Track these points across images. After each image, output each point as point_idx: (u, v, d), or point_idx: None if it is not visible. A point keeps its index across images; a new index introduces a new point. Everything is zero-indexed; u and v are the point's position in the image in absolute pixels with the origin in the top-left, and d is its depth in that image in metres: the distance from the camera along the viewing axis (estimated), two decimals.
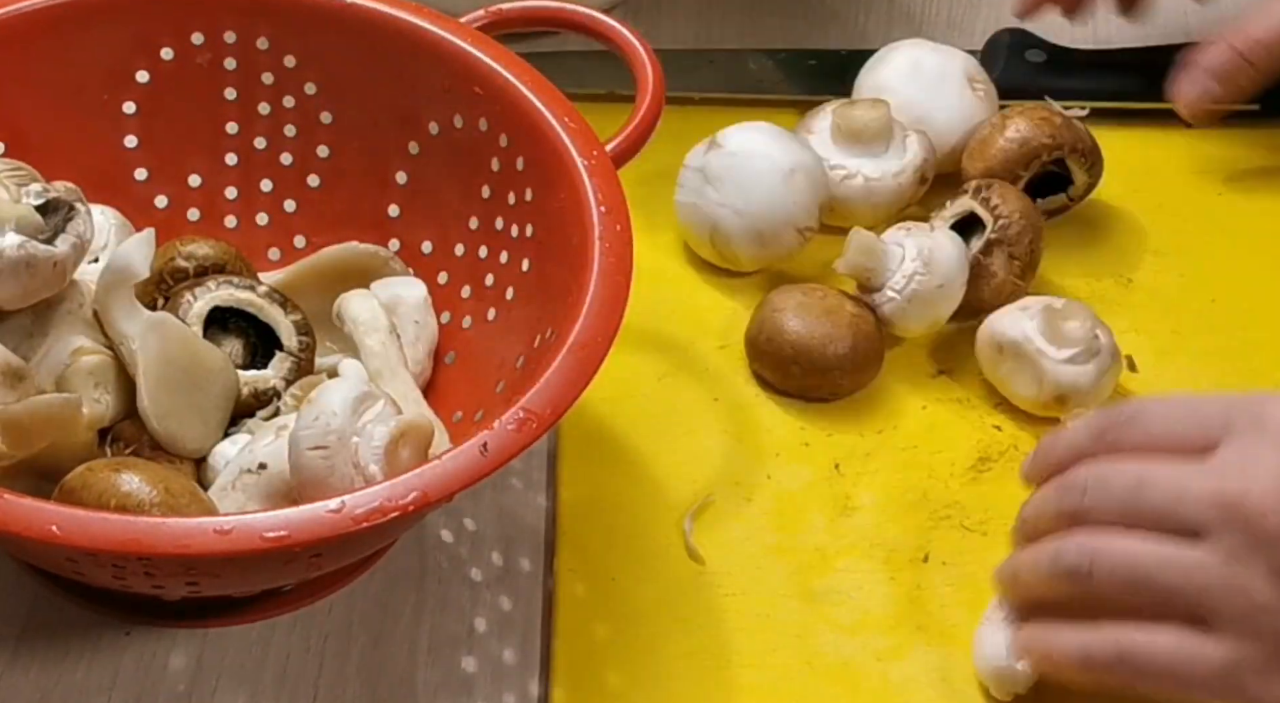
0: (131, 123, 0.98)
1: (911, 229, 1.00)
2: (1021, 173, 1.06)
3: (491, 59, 0.94)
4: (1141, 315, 1.06)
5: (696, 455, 0.97)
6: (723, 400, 1.00)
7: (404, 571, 0.92)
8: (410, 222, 0.98)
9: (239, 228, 0.99)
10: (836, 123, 1.06)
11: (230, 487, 0.84)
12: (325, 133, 0.98)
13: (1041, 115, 1.06)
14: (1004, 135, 1.06)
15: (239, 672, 0.88)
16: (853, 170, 1.05)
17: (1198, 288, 1.07)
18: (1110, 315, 1.01)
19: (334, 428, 0.82)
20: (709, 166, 1.04)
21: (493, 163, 0.94)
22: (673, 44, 1.18)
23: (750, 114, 1.07)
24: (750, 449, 0.98)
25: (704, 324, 1.04)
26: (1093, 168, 1.07)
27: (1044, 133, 1.06)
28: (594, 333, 0.83)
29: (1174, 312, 1.05)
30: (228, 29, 0.96)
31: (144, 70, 0.97)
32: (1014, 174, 1.06)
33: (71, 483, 0.81)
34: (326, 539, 0.76)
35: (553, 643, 0.89)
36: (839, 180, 1.05)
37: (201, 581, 0.82)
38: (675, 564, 0.93)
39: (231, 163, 0.99)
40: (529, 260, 0.92)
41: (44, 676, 0.87)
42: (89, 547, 0.75)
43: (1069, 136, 1.06)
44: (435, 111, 0.95)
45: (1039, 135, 1.05)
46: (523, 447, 0.79)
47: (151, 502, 0.79)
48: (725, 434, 0.99)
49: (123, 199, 0.97)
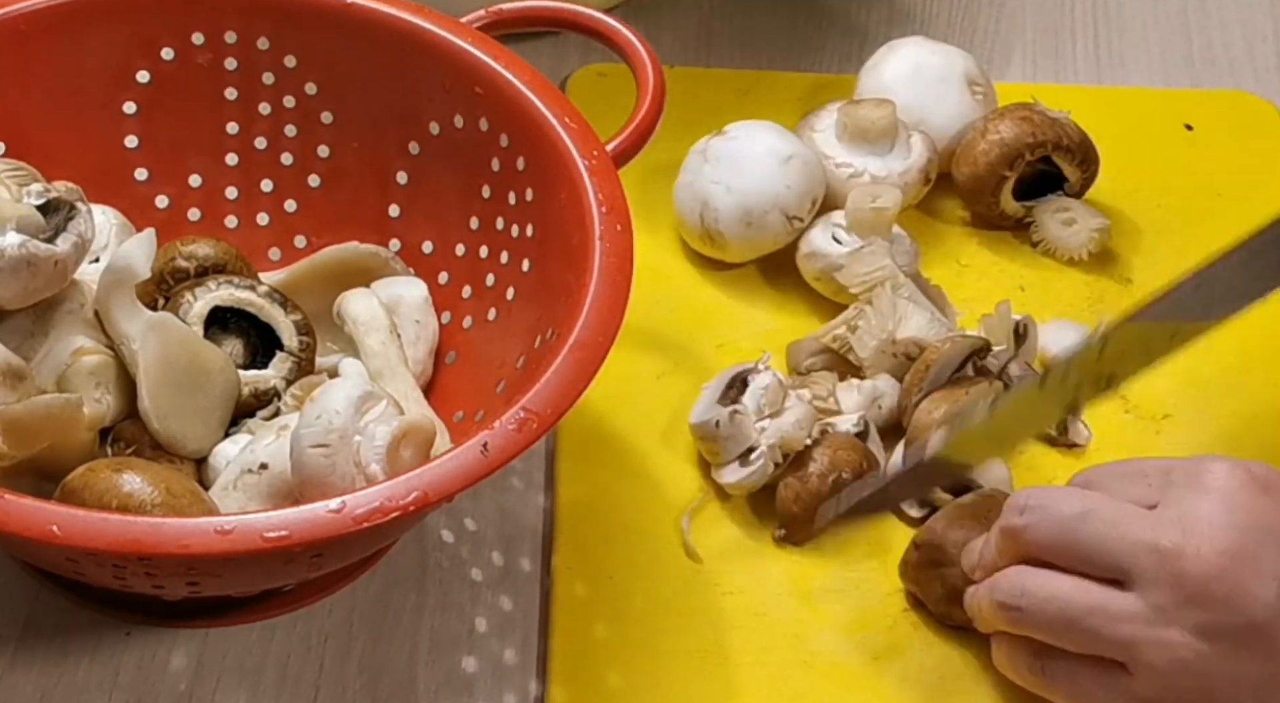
0: (132, 123, 0.98)
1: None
2: (1007, 174, 1.06)
3: (492, 59, 0.94)
4: None
5: (695, 455, 0.97)
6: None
7: (404, 571, 0.92)
8: (411, 222, 0.98)
9: (240, 228, 1.00)
10: (842, 121, 1.06)
11: (231, 486, 0.85)
12: (326, 133, 0.98)
13: (1022, 115, 1.06)
14: (986, 139, 1.06)
15: (239, 672, 0.88)
16: (859, 168, 1.05)
17: None
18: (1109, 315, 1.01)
19: (336, 427, 0.82)
20: (710, 148, 1.05)
21: (493, 163, 0.94)
22: (673, 43, 1.18)
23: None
24: None
25: (704, 323, 1.04)
26: (1084, 162, 1.07)
27: (1026, 132, 1.06)
28: (594, 333, 0.83)
29: None
30: (228, 29, 0.97)
31: (144, 70, 0.97)
32: (999, 175, 1.06)
33: (73, 483, 0.81)
34: (327, 539, 0.76)
35: (550, 642, 0.89)
36: (845, 178, 1.05)
37: (202, 581, 0.82)
38: (673, 563, 0.93)
39: (232, 163, 0.99)
40: (529, 260, 0.92)
41: (44, 675, 0.88)
42: (89, 547, 0.75)
43: (1053, 134, 1.06)
44: (436, 111, 0.95)
45: (1021, 135, 1.06)
46: (523, 447, 0.79)
47: (153, 502, 0.79)
48: None
49: (123, 199, 0.98)
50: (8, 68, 0.94)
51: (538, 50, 1.12)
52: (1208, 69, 1.21)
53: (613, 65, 1.00)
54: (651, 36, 0.96)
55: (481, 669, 0.89)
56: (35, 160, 0.92)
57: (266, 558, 0.79)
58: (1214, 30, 1.23)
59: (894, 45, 1.12)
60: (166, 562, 0.78)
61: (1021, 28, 1.23)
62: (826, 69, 1.18)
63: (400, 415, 0.84)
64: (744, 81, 1.17)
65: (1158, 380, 0.92)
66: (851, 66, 1.16)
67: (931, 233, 1.09)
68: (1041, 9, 1.24)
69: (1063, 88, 1.19)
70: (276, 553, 0.76)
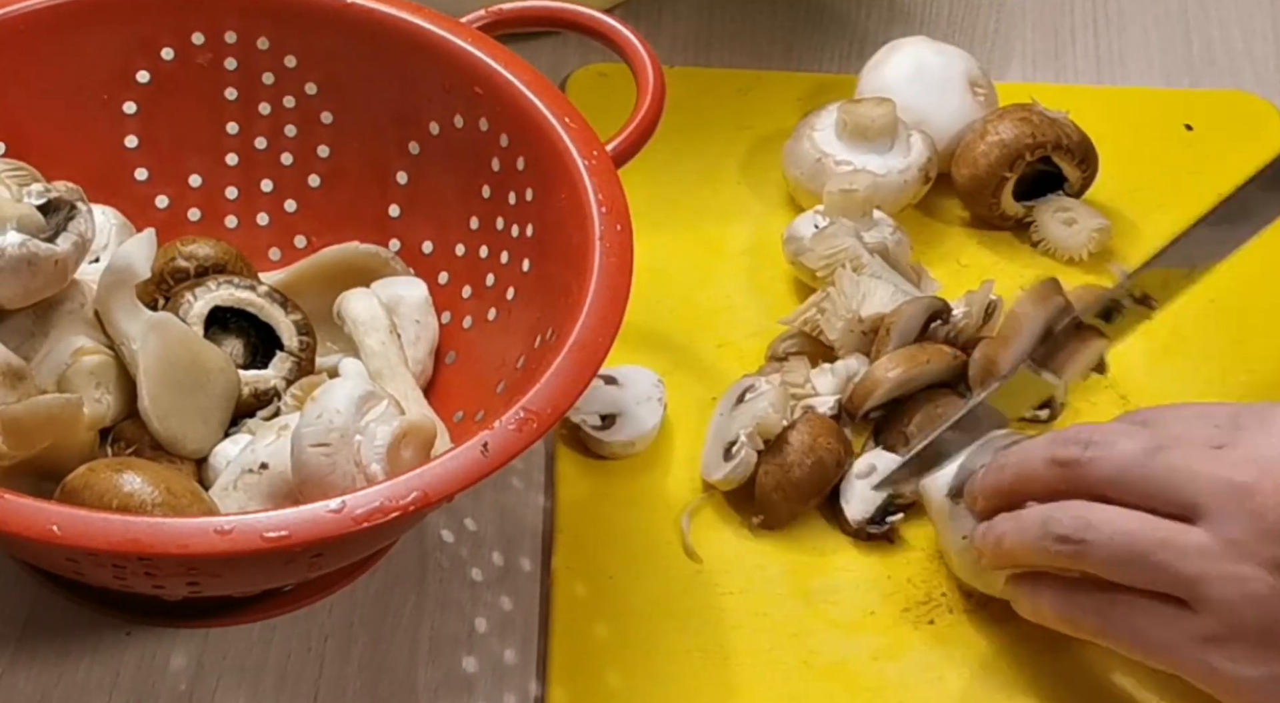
0: (132, 123, 0.98)
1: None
2: (1007, 175, 1.06)
3: (492, 59, 0.94)
4: None
5: (695, 455, 0.97)
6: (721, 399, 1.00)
7: (404, 571, 0.92)
8: (411, 222, 0.98)
9: (239, 228, 1.00)
10: (843, 119, 1.06)
11: (232, 486, 0.85)
12: (326, 133, 0.98)
13: (1022, 116, 1.06)
14: (985, 140, 1.06)
15: (239, 672, 0.88)
16: (859, 166, 1.05)
17: (1196, 288, 1.07)
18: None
19: (337, 426, 0.82)
20: None
21: (493, 163, 0.94)
22: (673, 43, 1.18)
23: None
24: None
25: (704, 324, 1.04)
26: (1084, 162, 1.07)
27: (1025, 133, 1.06)
28: (594, 333, 0.84)
29: (1173, 312, 1.05)
30: (228, 29, 0.97)
31: (144, 70, 0.97)
32: (999, 176, 1.06)
33: (73, 483, 0.81)
34: (327, 539, 0.76)
35: (550, 642, 0.89)
36: (845, 175, 1.05)
37: (202, 581, 0.82)
38: (673, 563, 0.93)
39: (232, 163, 0.99)
40: (529, 260, 0.93)
41: (45, 675, 0.88)
42: (89, 547, 0.75)
43: (1052, 134, 1.06)
44: (436, 111, 0.95)
45: (1021, 136, 1.06)
46: (523, 447, 0.79)
47: (154, 502, 0.79)
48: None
49: (123, 199, 0.98)
50: (8, 68, 0.94)
51: (538, 50, 1.12)
52: (1208, 69, 1.21)
53: (613, 65, 1.00)
54: (651, 36, 0.97)
55: (481, 669, 0.89)
56: (35, 160, 0.92)
57: (266, 558, 0.79)
58: (1214, 30, 1.23)
59: (896, 45, 1.12)
60: (166, 562, 0.78)
61: (1021, 28, 1.23)
62: (826, 69, 1.18)
63: (401, 415, 0.84)
64: (744, 81, 1.17)
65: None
66: (852, 66, 1.16)
67: (931, 233, 1.09)
68: (1041, 9, 1.24)
69: (1063, 88, 1.19)
70: (277, 553, 0.76)
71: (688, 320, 1.04)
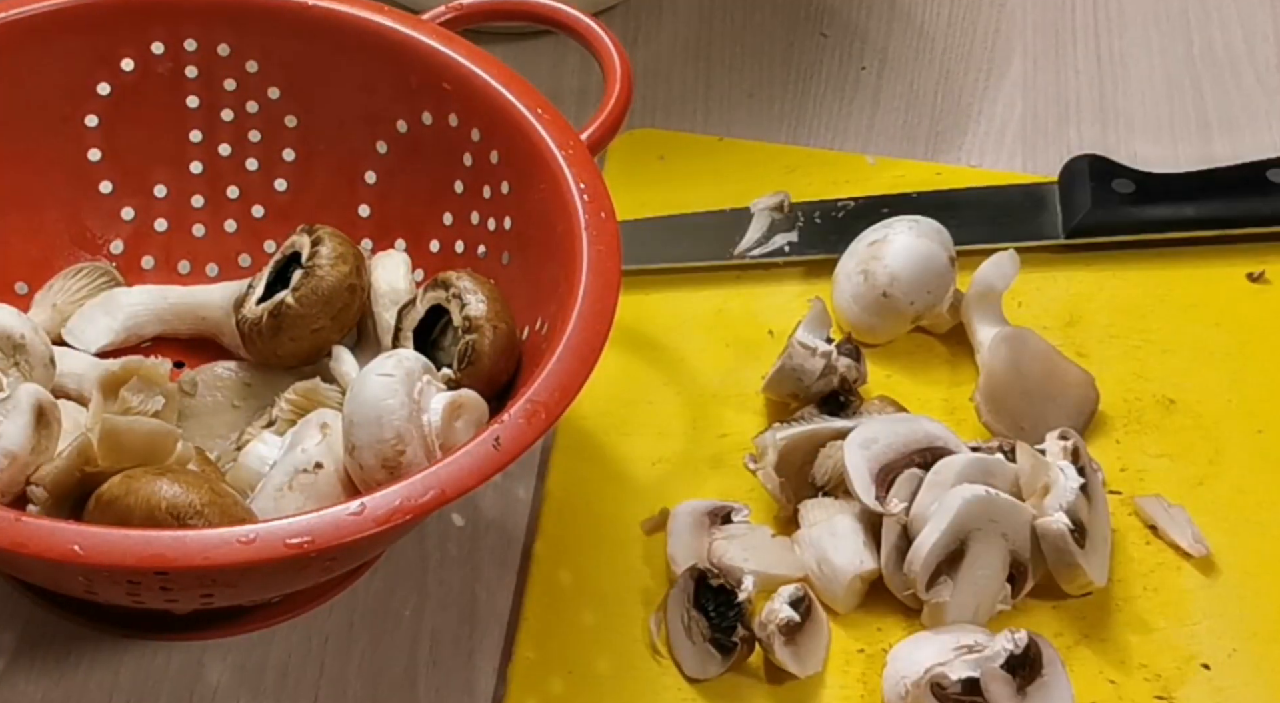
0: (94, 136, 0.97)
1: None
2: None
3: (457, 54, 0.93)
4: (1180, 439, 0.98)
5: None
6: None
7: (404, 570, 0.91)
8: (382, 221, 0.97)
9: (207, 236, 0.99)
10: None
11: (287, 487, 0.83)
12: (290, 136, 0.97)
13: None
14: None
15: (239, 674, 0.88)
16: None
17: (1243, 414, 0.99)
18: (1147, 438, 0.97)
19: (405, 367, 0.83)
20: None
21: (465, 158, 0.94)
22: (673, 43, 1.17)
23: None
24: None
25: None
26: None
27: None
28: (591, 319, 0.84)
29: (1214, 437, 0.98)
30: (188, 37, 0.96)
31: (105, 82, 0.96)
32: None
33: (112, 491, 0.80)
34: (349, 543, 0.76)
35: (544, 635, 0.89)
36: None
37: (218, 591, 0.81)
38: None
39: (197, 171, 0.98)
40: (509, 253, 0.92)
41: (44, 676, 0.87)
42: (113, 565, 0.74)
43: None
44: (402, 110, 0.95)
45: None
46: (534, 437, 0.80)
47: (202, 502, 0.79)
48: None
49: (88, 213, 0.97)
50: None
51: (537, 51, 1.12)
52: (1208, 69, 1.20)
53: None
54: (650, 36, 0.96)
55: (481, 669, 0.89)
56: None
57: (286, 565, 0.78)
58: (1214, 30, 1.22)
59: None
60: (188, 575, 0.77)
61: (1021, 28, 1.22)
62: (826, 69, 1.17)
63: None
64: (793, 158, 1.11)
65: None
66: (852, 66, 1.16)
67: None
68: (1041, 9, 1.23)
69: None
70: (298, 559, 0.76)
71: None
